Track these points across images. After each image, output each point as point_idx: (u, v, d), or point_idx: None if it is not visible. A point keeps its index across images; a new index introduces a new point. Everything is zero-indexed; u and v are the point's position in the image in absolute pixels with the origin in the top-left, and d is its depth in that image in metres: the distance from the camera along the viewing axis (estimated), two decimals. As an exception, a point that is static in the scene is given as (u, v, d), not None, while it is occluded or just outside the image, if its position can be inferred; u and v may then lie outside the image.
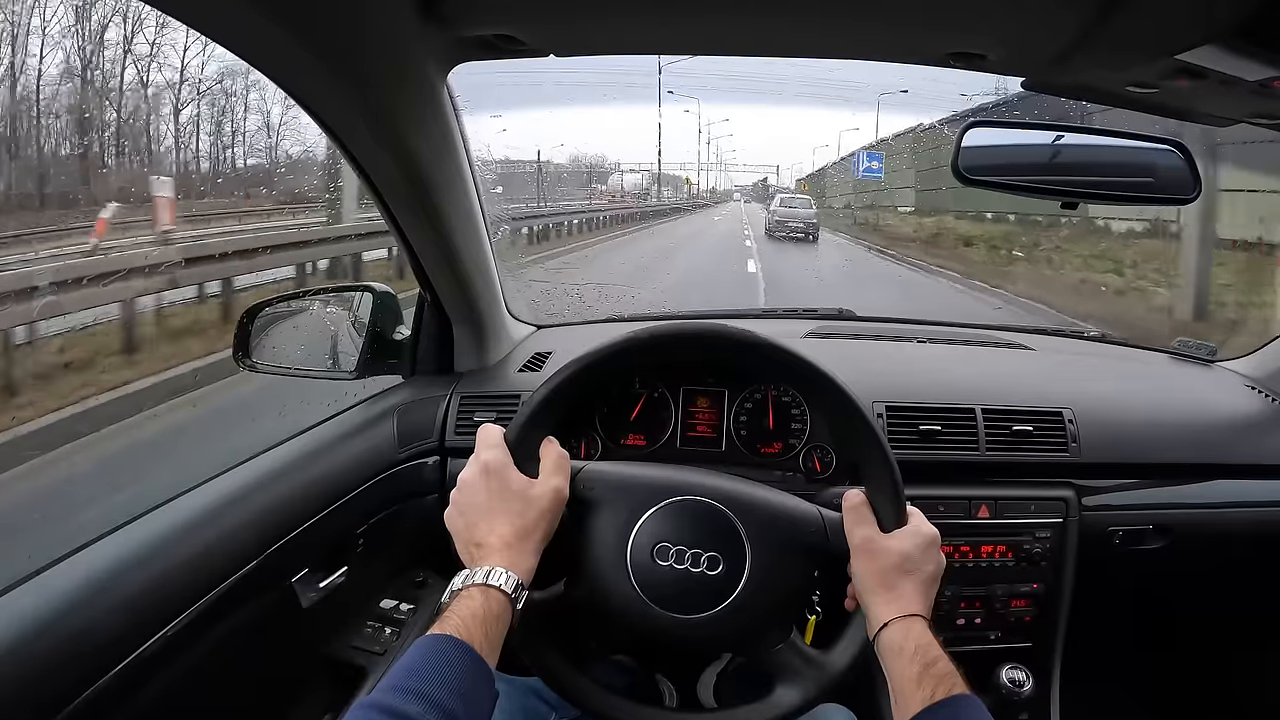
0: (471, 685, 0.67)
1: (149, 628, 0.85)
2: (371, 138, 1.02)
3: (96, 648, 0.80)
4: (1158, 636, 1.55)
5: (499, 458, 0.83)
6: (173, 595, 0.89)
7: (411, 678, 0.65)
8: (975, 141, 1.13)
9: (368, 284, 1.40)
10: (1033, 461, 1.25)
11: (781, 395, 1.22)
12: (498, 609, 0.74)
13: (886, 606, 0.80)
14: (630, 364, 0.94)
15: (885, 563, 0.82)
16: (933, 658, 0.75)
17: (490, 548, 0.78)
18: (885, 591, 0.81)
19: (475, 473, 0.83)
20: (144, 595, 0.86)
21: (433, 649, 0.68)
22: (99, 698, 0.79)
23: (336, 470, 1.18)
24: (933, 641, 0.77)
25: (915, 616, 0.79)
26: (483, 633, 0.71)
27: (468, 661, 0.68)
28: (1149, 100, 0.97)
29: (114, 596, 0.84)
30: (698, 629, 0.83)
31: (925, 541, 0.84)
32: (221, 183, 12.97)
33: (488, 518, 0.80)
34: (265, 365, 1.37)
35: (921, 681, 0.74)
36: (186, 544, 0.94)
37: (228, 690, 1.02)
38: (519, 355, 1.45)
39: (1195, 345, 1.62)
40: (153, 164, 12.49)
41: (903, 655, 0.77)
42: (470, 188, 1.20)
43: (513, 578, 0.76)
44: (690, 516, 0.86)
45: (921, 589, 0.82)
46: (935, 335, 1.61)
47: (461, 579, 0.76)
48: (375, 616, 1.27)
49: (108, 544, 0.90)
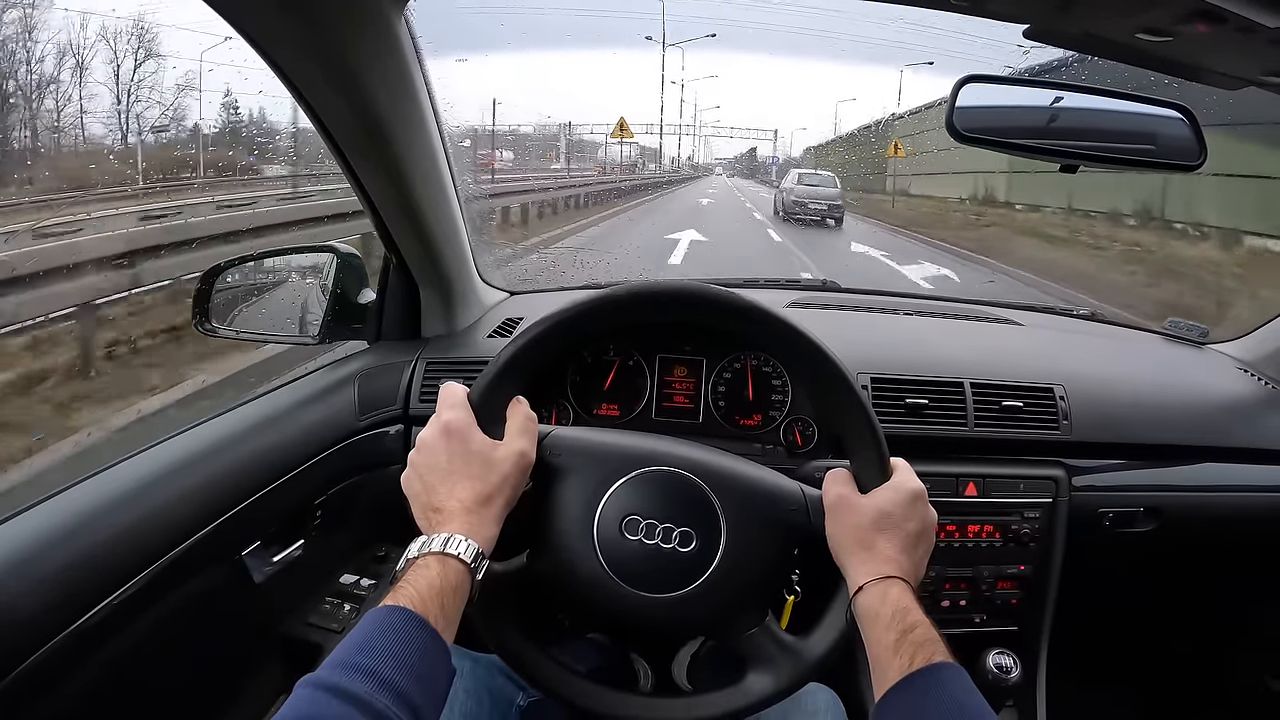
0: (426, 663, 0.61)
1: (76, 606, 0.80)
2: (325, 81, 0.96)
3: (16, 627, 0.75)
4: (1146, 622, 1.52)
5: (461, 418, 0.77)
6: (102, 571, 0.83)
7: (360, 653, 0.60)
8: (971, 99, 1.07)
9: (331, 245, 1.34)
10: (1022, 439, 1.21)
11: (762, 366, 1.18)
12: (456, 580, 0.68)
13: (861, 568, 0.74)
14: (605, 325, 0.88)
15: (860, 520, 0.76)
16: (911, 623, 0.69)
17: (449, 513, 0.72)
18: (860, 552, 0.75)
19: (435, 433, 0.77)
20: (68, 571, 0.80)
21: (384, 623, 0.62)
22: (25, 680, 0.74)
23: (291, 438, 1.12)
24: (912, 605, 0.71)
25: (893, 579, 0.73)
26: (439, 606, 0.65)
27: (423, 637, 0.62)
28: (1159, 53, 0.91)
29: (35, 574, 0.78)
30: (667, 609, 0.78)
31: (907, 496, 0.78)
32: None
33: (447, 481, 0.74)
34: (225, 330, 1.32)
35: (899, 649, 0.68)
36: (117, 517, 0.88)
37: (172, 670, 0.98)
38: (489, 321, 1.39)
39: (1186, 326, 1.59)
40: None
41: (879, 621, 0.71)
42: (435, 139, 1.14)
43: (472, 546, 0.70)
44: (662, 488, 0.80)
45: (902, 548, 0.75)
46: (922, 309, 1.57)
47: (418, 546, 0.70)
48: (334, 592, 1.24)
49: (28, 518, 0.84)
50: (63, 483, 0.90)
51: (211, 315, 1.29)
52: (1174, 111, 1.10)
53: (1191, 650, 1.59)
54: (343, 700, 0.55)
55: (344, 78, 0.96)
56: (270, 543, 1.09)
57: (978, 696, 0.65)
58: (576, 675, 0.83)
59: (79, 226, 5.41)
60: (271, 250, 1.43)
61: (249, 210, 7.27)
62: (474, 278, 1.41)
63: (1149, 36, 0.86)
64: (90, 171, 7.83)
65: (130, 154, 9.22)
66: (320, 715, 0.55)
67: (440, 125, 1.14)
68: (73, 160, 9.35)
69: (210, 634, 1.03)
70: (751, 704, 0.79)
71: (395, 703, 0.57)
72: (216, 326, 1.30)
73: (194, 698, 1.03)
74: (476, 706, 0.90)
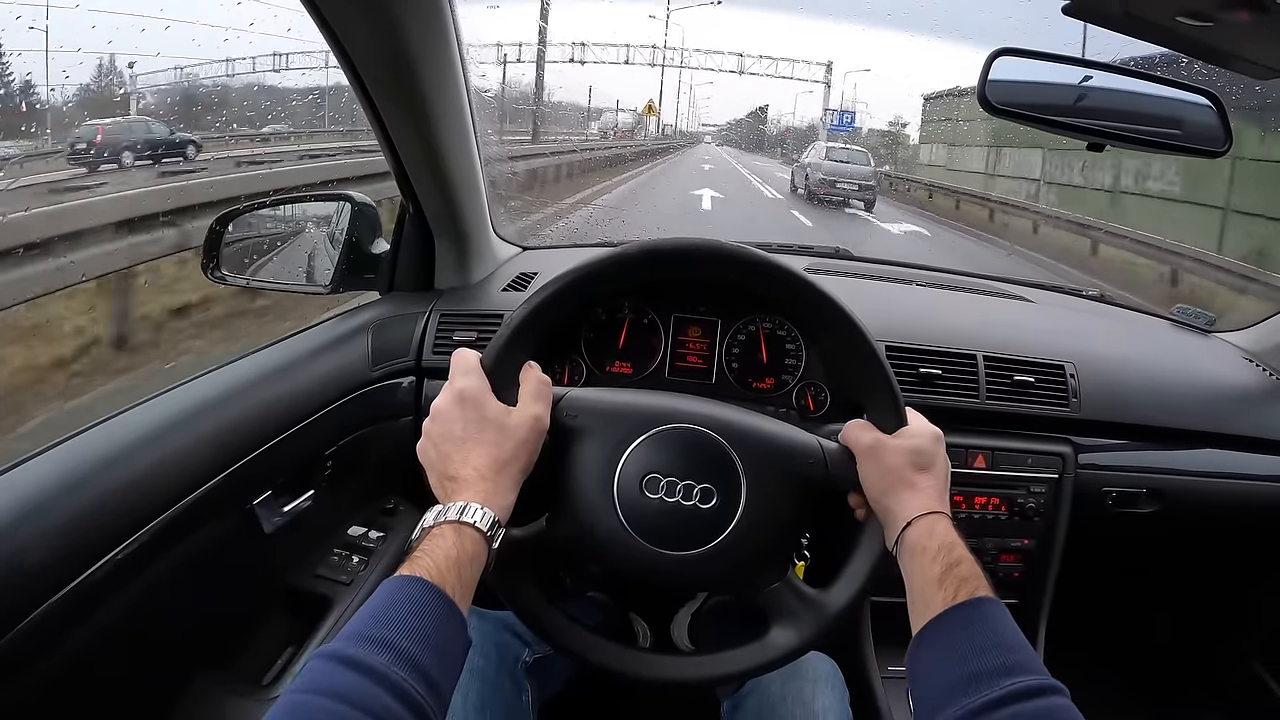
0: (443, 634, 0.61)
1: (87, 555, 0.78)
2: (356, 13, 0.93)
3: (25, 579, 0.73)
4: (1142, 601, 1.55)
5: (475, 384, 0.76)
6: (113, 520, 0.81)
7: (378, 625, 0.59)
8: (1002, 73, 1.07)
9: (346, 193, 1.32)
10: (1032, 414, 1.21)
11: (777, 329, 1.17)
12: (473, 549, 0.67)
13: (909, 504, 0.75)
14: (619, 284, 0.87)
15: (899, 460, 0.77)
16: (957, 558, 0.70)
17: (465, 481, 0.72)
18: (905, 489, 0.76)
19: (449, 400, 0.76)
20: (79, 520, 0.79)
21: (401, 593, 0.61)
22: (34, 629, 0.72)
23: (303, 388, 1.11)
24: (958, 541, 0.72)
25: (939, 514, 0.74)
26: (456, 576, 0.64)
27: (440, 609, 0.61)
28: (1197, 37, 0.90)
29: (46, 521, 0.76)
30: (689, 566, 0.78)
31: (933, 436, 0.80)
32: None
33: (462, 449, 0.73)
34: (236, 277, 1.30)
35: (944, 582, 0.68)
36: (129, 464, 0.86)
37: (181, 621, 0.97)
38: (503, 275, 1.38)
39: (1194, 314, 1.60)
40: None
41: (925, 554, 0.71)
42: (460, 85, 1.12)
43: (488, 514, 0.69)
44: (681, 446, 0.80)
45: (940, 486, 0.77)
46: (935, 281, 1.57)
47: (434, 515, 0.69)
48: (343, 544, 1.23)
49: (38, 465, 0.82)
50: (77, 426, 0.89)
51: (223, 263, 1.26)
52: (1202, 97, 1.10)
53: (1184, 633, 1.61)
54: (358, 672, 0.55)
55: (374, 9, 0.93)
56: (280, 493, 1.07)
57: (1018, 633, 0.66)
58: (600, 637, 0.83)
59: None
60: (284, 197, 1.39)
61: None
62: (489, 231, 1.39)
63: (1189, 20, 0.85)
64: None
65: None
66: (336, 687, 0.54)
67: (466, 71, 1.12)
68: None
69: (219, 584, 1.02)
70: (776, 658, 0.80)
71: (412, 675, 0.56)
72: (227, 274, 1.27)
73: (201, 648, 1.03)
74: (484, 661, 0.91)
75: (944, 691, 0.62)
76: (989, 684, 0.60)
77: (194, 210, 4.23)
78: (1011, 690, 0.59)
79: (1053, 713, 0.58)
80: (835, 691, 0.97)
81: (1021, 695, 0.58)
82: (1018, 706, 0.58)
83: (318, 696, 0.53)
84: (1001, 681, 0.60)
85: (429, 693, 0.57)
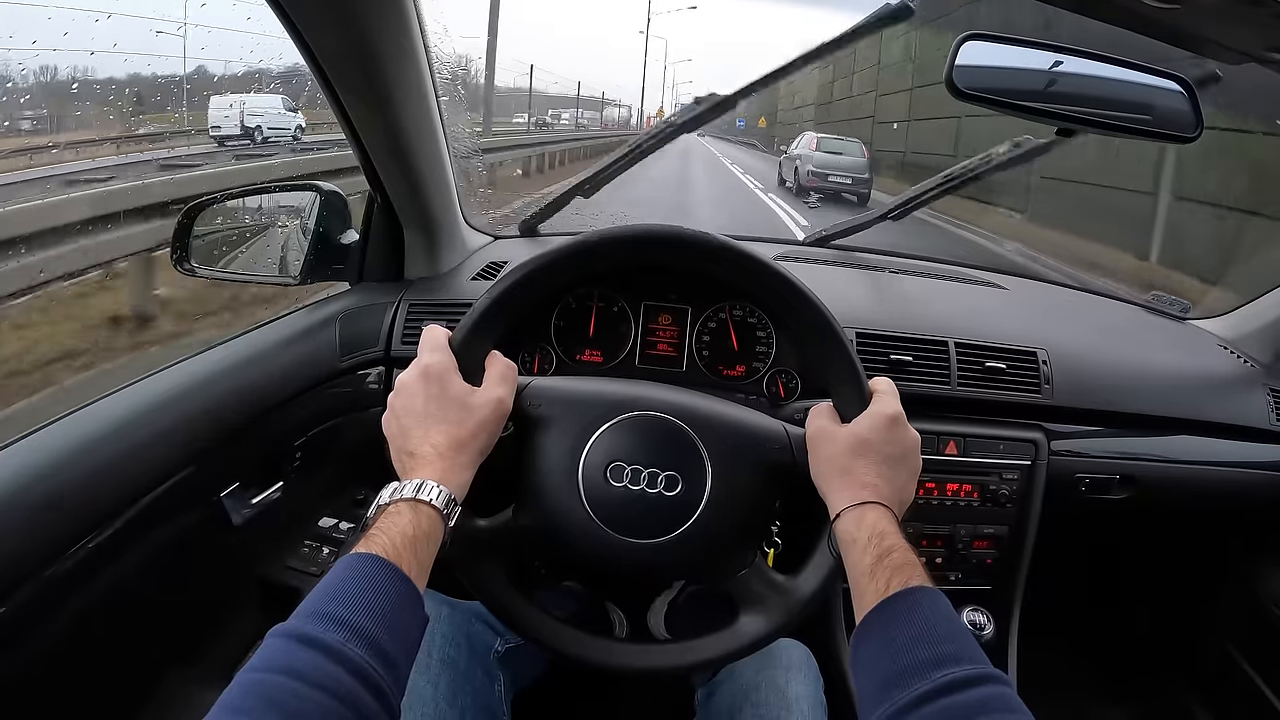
0: (399, 611, 0.60)
1: (53, 547, 0.78)
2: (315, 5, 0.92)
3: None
4: (1115, 587, 1.56)
5: (442, 362, 0.76)
6: (80, 510, 0.81)
7: (332, 602, 0.58)
8: (970, 58, 1.06)
9: (314, 183, 1.29)
10: (1004, 400, 1.21)
11: (747, 317, 1.17)
12: (428, 527, 0.67)
13: (840, 494, 0.74)
14: (588, 270, 0.87)
15: (837, 448, 0.76)
16: (887, 547, 0.69)
17: (423, 458, 0.72)
18: (838, 478, 0.75)
19: (414, 376, 0.76)
20: (45, 511, 0.78)
21: (357, 570, 0.61)
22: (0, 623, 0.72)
23: (271, 378, 1.10)
24: (889, 529, 0.70)
25: (871, 504, 0.73)
26: (412, 553, 0.64)
27: (395, 585, 0.61)
28: (1165, 19, 0.90)
29: (11, 514, 0.75)
30: (656, 554, 0.78)
31: (884, 421, 0.77)
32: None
33: (423, 425, 0.74)
34: (205, 269, 1.28)
35: (875, 573, 0.67)
36: (96, 456, 0.85)
37: (150, 613, 0.96)
38: (473, 264, 1.37)
39: (1169, 301, 1.61)
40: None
41: (855, 545, 0.70)
42: (425, 75, 1.10)
43: (444, 492, 0.69)
44: (645, 433, 0.80)
45: (880, 472, 0.75)
46: (907, 268, 1.57)
47: (389, 492, 0.69)
48: (313, 535, 1.23)
49: (2, 457, 0.81)
50: (45, 418, 0.87)
51: (191, 254, 1.24)
52: (1173, 83, 1.09)
53: (1158, 618, 1.62)
54: (314, 649, 0.54)
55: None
56: (249, 484, 1.07)
57: (953, 619, 0.64)
58: (566, 626, 0.83)
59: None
60: (253, 187, 1.38)
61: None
62: (459, 220, 1.38)
63: (1156, 2, 0.84)
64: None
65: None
66: (291, 664, 0.53)
67: (431, 61, 1.10)
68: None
69: (188, 576, 1.02)
70: (744, 646, 0.79)
71: (367, 651, 0.55)
72: (195, 265, 1.25)
73: (172, 640, 1.02)
74: (455, 652, 0.91)
75: (880, 687, 0.61)
76: (921, 677, 0.59)
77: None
78: (944, 682, 0.58)
79: (988, 702, 0.56)
80: (809, 678, 0.96)
81: (955, 686, 0.57)
82: (951, 699, 0.57)
83: (274, 675, 0.52)
84: (933, 674, 0.58)
85: (386, 670, 0.56)
